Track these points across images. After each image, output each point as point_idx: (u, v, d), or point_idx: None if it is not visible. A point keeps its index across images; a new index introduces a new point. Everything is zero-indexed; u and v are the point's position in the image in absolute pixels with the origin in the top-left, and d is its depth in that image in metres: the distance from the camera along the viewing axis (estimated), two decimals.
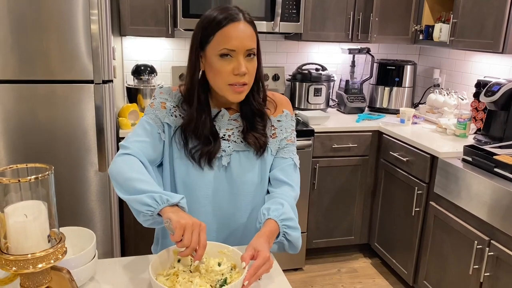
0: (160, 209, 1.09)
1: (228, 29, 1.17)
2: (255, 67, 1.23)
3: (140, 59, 3.07)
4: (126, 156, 1.22)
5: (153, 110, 1.30)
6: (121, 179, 1.17)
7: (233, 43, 1.16)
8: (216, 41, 1.18)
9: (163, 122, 1.29)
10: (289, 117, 1.39)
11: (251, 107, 1.31)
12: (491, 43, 2.43)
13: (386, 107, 3.34)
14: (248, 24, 1.20)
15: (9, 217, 0.81)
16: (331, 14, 3.01)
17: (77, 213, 2.39)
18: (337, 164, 2.96)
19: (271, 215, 1.21)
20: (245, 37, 1.18)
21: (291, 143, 1.39)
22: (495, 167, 2.09)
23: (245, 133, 1.30)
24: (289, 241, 1.23)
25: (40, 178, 0.81)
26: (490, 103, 2.49)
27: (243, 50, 1.18)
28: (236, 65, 1.18)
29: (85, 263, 1.06)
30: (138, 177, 1.15)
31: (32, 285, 0.84)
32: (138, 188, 1.12)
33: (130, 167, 1.19)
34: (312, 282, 2.91)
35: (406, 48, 3.61)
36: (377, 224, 3.07)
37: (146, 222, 1.14)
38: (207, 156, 1.27)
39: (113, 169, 1.21)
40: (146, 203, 1.09)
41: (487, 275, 2.06)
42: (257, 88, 1.31)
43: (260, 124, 1.32)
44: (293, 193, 1.33)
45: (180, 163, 1.29)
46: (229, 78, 1.19)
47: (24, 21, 2.12)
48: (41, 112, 2.24)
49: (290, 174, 1.36)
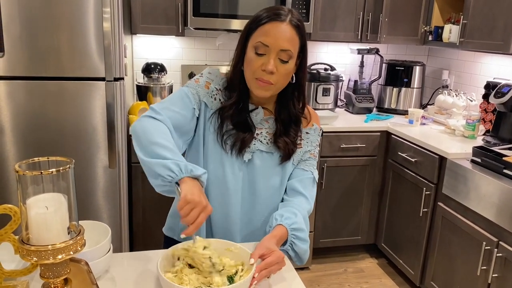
0: (181, 178, 1.09)
1: (268, 26, 1.18)
2: (287, 70, 1.22)
3: (150, 57, 3.09)
4: (155, 121, 1.20)
5: (196, 86, 1.30)
6: (145, 142, 1.15)
7: (268, 39, 1.17)
8: (256, 34, 1.20)
9: (202, 100, 1.29)
10: (317, 132, 1.40)
11: (289, 112, 1.31)
12: (501, 44, 2.43)
13: (395, 108, 3.34)
14: (293, 27, 1.19)
15: (31, 209, 0.82)
16: (340, 14, 3.02)
17: (86, 209, 2.41)
18: (345, 164, 2.97)
19: (283, 222, 1.22)
20: (283, 37, 1.18)
21: (314, 157, 1.40)
22: (504, 168, 2.09)
23: (277, 136, 1.31)
24: (296, 252, 1.24)
25: (61, 171, 0.83)
26: (500, 105, 2.48)
27: (277, 49, 1.18)
28: (266, 62, 1.19)
29: (101, 256, 1.08)
30: (164, 144, 1.14)
31: (51, 275, 0.85)
32: (162, 154, 1.11)
33: (158, 132, 1.17)
34: (318, 282, 2.92)
35: (415, 49, 3.61)
36: (384, 225, 3.08)
37: (160, 188, 1.13)
38: (239, 143, 1.27)
39: (138, 129, 1.19)
40: (171, 168, 1.09)
41: (495, 276, 2.06)
42: (298, 95, 1.31)
43: (294, 131, 1.32)
44: (307, 206, 1.34)
45: (213, 147, 1.29)
46: (257, 72, 1.20)
47: (36, 18, 2.14)
48: (52, 108, 2.27)
49: (308, 187, 1.36)
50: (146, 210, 2.69)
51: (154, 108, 1.23)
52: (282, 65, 1.20)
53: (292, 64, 1.22)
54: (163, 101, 1.27)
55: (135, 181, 2.62)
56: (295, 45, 1.21)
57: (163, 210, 1.59)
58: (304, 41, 1.23)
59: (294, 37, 1.20)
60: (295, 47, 1.21)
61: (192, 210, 1.04)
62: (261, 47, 1.18)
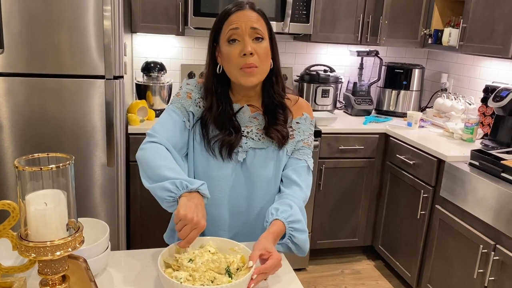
0: (180, 195, 1.12)
1: (233, 16, 1.24)
2: (264, 50, 1.26)
3: (149, 56, 3.09)
4: (153, 144, 1.24)
5: (179, 100, 1.33)
6: (147, 167, 1.20)
7: (237, 23, 1.22)
8: (224, 28, 1.25)
9: (188, 111, 1.32)
10: (308, 121, 1.41)
11: (272, 99, 1.34)
12: (500, 48, 2.43)
13: (393, 110, 3.35)
14: (255, 11, 1.26)
15: (30, 205, 0.82)
16: (341, 16, 3.03)
17: (84, 207, 2.41)
18: (343, 166, 2.97)
19: (279, 216, 1.22)
20: (249, 18, 1.23)
21: (307, 146, 1.40)
22: (502, 171, 2.10)
23: (267, 128, 1.32)
24: (295, 244, 1.24)
25: (61, 167, 0.83)
26: (498, 109, 2.49)
27: (247, 29, 1.22)
28: (242, 47, 1.22)
29: (99, 254, 1.08)
30: (163, 164, 1.18)
31: (49, 272, 0.85)
32: (163, 174, 1.15)
33: (156, 154, 1.21)
34: (315, 283, 2.92)
35: (415, 51, 3.62)
36: (381, 227, 3.08)
37: (170, 209, 1.16)
38: (228, 146, 1.28)
39: (141, 156, 1.24)
40: (168, 188, 1.13)
41: (492, 279, 2.07)
42: (275, 79, 1.34)
43: (282, 115, 1.34)
44: (302, 195, 1.34)
45: (201, 155, 1.32)
46: (239, 61, 1.23)
47: (36, 15, 2.14)
48: (51, 106, 2.26)
49: (303, 175, 1.37)
50: (144, 208, 2.69)
51: (149, 133, 1.28)
52: (258, 44, 1.24)
53: (266, 44, 1.26)
54: (154, 125, 1.31)
55: (133, 179, 2.61)
56: (263, 26, 1.26)
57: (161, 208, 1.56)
58: (270, 26, 1.29)
59: (260, 19, 1.26)
60: (263, 27, 1.26)
61: (185, 226, 1.06)
62: (232, 34, 1.23)
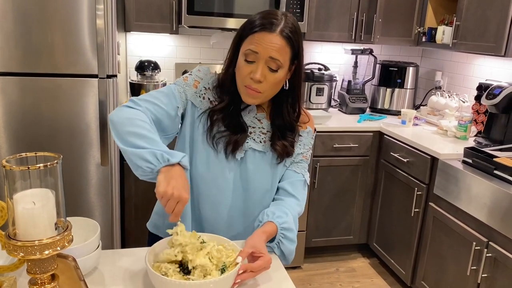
0: (159, 168, 1.08)
1: (258, 35, 1.17)
2: (276, 79, 1.20)
3: (143, 55, 3.09)
4: (133, 110, 1.19)
5: (184, 84, 1.29)
6: (122, 131, 1.14)
7: (258, 47, 1.16)
8: (246, 42, 1.19)
9: (188, 100, 1.28)
10: (310, 135, 1.39)
11: (283, 119, 1.30)
12: (493, 46, 2.44)
13: (388, 108, 3.36)
14: (283, 38, 1.17)
15: (18, 204, 0.82)
16: (335, 14, 3.03)
17: (78, 206, 2.41)
18: (338, 164, 2.98)
19: (274, 220, 1.22)
20: (271, 46, 1.16)
21: (305, 160, 1.39)
22: (495, 169, 2.11)
23: (275, 139, 1.30)
24: (282, 251, 1.24)
25: (49, 166, 0.83)
26: (491, 106, 2.50)
27: (266, 57, 1.16)
28: (254, 70, 1.18)
29: (89, 253, 1.08)
30: (141, 133, 1.13)
31: (38, 271, 0.85)
32: (138, 144, 1.11)
33: (134, 121, 1.15)
34: (310, 281, 2.93)
35: (409, 50, 3.63)
36: (376, 224, 3.09)
37: (142, 177, 1.13)
38: (233, 145, 1.26)
39: (116, 118, 1.18)
40: (147, 159, 1.08)
41: (485, 276, 2.08)
42: (292, 102, 1.30)
43: (290, 136, 1.32)
44: (298, 208, 1.34)
45: (201, 148, 1.28)
46: (246, 79, 1.19)
47: (29, 14, 2.13)
48: (45, 105, 2.26)
49: (299, 189, 1.36)
50: (138, 208, 2.69)
51: (133, 100, 1.23)
52: (271, 74, 1.19)
53: (282, 74, 1.20)
54: (146, 94, 1.26)
55: (127, 178, 2.61)
56: (285, 55, 1.18)
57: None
58: (298, 49, 1.21)
59: (284, 48, 1.17)
60: (285, 57, 1.19)
61: (168, 201, 1.04)
62: (250, 54, 1.17)
